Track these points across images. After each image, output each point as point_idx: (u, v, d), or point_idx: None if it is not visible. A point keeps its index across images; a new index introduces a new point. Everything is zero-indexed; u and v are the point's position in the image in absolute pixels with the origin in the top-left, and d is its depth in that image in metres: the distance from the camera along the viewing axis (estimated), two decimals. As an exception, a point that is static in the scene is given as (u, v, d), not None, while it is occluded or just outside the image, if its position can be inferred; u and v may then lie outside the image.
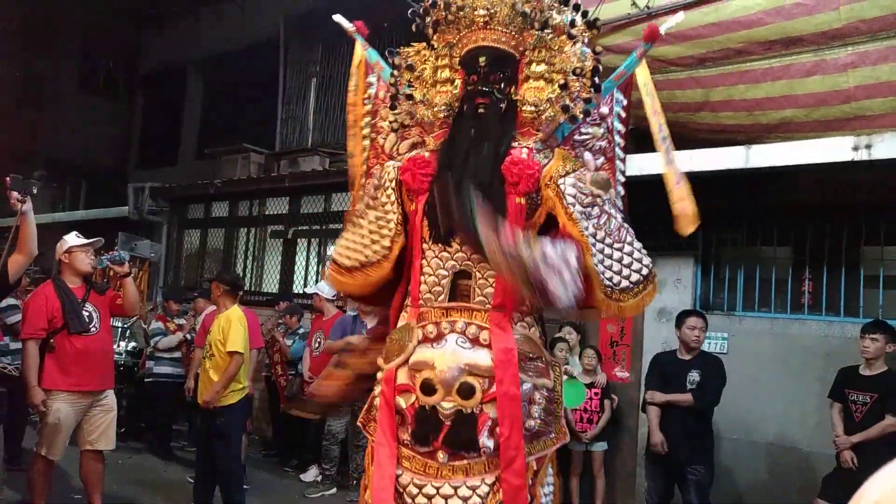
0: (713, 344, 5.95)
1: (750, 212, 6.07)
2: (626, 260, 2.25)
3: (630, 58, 2.77)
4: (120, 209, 11.12)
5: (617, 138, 2.75)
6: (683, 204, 2.46)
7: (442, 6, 2.47)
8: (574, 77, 2.41)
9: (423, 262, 2.36)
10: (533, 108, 2.39)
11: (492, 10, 2.39)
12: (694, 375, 4.87)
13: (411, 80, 2.55)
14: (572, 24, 2.49)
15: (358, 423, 2.47)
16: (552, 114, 2.39)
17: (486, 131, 2.38)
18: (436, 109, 2.48)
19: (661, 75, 5.47)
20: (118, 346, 8.23)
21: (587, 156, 2.62)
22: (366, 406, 2.46)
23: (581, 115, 2.44)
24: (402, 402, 2.25)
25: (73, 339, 4.52)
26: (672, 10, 5.06)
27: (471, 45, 2.43)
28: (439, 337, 2.26)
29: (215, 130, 12.18)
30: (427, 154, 2.46)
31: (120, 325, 8.43)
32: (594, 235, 2.20)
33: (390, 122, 2.69)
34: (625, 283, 2.23)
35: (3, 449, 4.41)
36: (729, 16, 4.85)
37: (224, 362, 5.01)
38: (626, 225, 2.30)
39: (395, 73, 2.60)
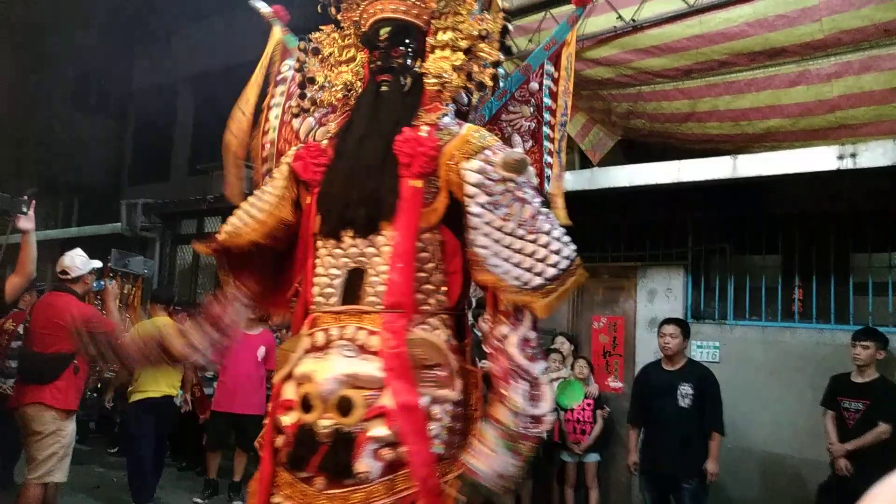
0: (705, 353, 5.97)
1: (738, 221, 6.11)
2: (541, 253, 1.95)
3: (560, 25, 2.56)
4: (113, 225, 11.12)
5: (546, 116, 2.48)
6: (556, 201, 2.39)
7: None
8: (481, 41, 2.19)
9: (317, 261, 2.11)
10: (436, 80, 2.15)
11: None
12: (685, 389, 4.76)
13: (316, 63, 2.37)
14: None
15: (255, 444, 2.18)
16: (457, 84, 2.15)
17: (385, 111, 2.14)
18: (334, 90, 2.28)
19: (648, 87, 5.54)
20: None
21: (516, 139, 2.44)
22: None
23: (490, 82, 2.19)
24: (286, 420, 1.95)
25: (80, 360, 4.55)
26: (658, 23, 5.14)
27: (371, 18, 2.23)
28: (327, 345, 1.97)
29: (207, 146, 12.20)
30: (326, 142, 2.25)
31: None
32: (501, 229, 1.94)
33: (290, 108, 2.50)
34: (537, 281, 1.93)
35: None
36: (713, 28, 4.91)
37: None
38: (544, 210, 2.03)
39: (300, 57, 2.39)
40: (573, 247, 2.02)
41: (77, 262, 4.75)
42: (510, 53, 2.31)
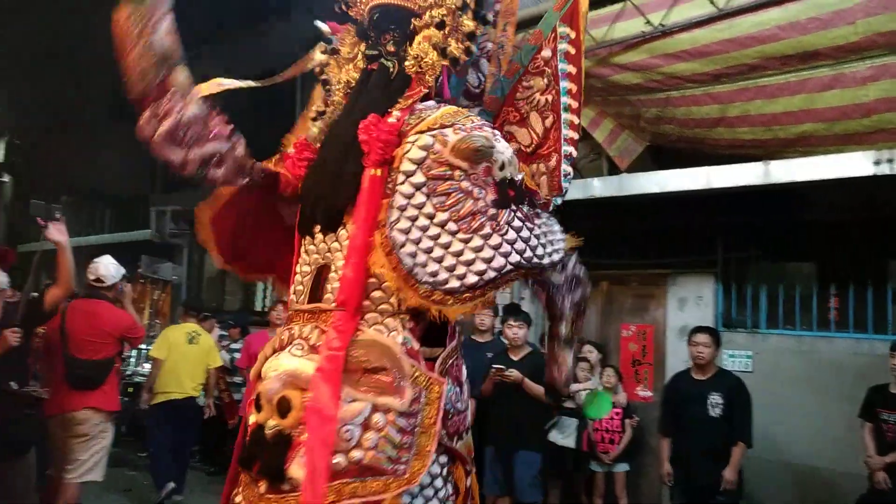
0: (737, 362, 5.85)
1: (771, 228, 6.00)
2: (467, 256, 1.77)
3: None
4: (142, 232, 11.29)
5: (566, 84, 2.24)
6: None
7: None
8: (459, 12, 2.06)
9: (298, 259, 2.08)
10: (414, 62, 2.04)
11: None
12: (715, 398, 4.70)
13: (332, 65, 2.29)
14: None
15: None
16: (433, 61, 2.02)
17: (363, 100, 2.05)
18: (337, 88, 2.20)
19: (677, 92, 5.47)
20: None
21: (534, 118, 2.24)
22: None
23: (464, 55, 2.05)
24: (250, 419, 1.91)
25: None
26: (687, 27, 5.08)
27: (366, 7, 2.15)
28: (287, 344, 1.91)
29: (237, 154, 12.33)
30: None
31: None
32: (431, 218, 1.78)
33: (308, 113, 2.42)
34: (454, 283, 1.76)
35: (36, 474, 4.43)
36: (744, 31, 4.83)
37: None
38: (491, 212, 1.82)
39: (322, 60, 2.32)
40: (503, 261, 1.81)
41: (112, 269, 4.90)
42: (486, 23, 2.15)
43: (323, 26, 2.57)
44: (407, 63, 2.04)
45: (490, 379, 5.05)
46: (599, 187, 6.01)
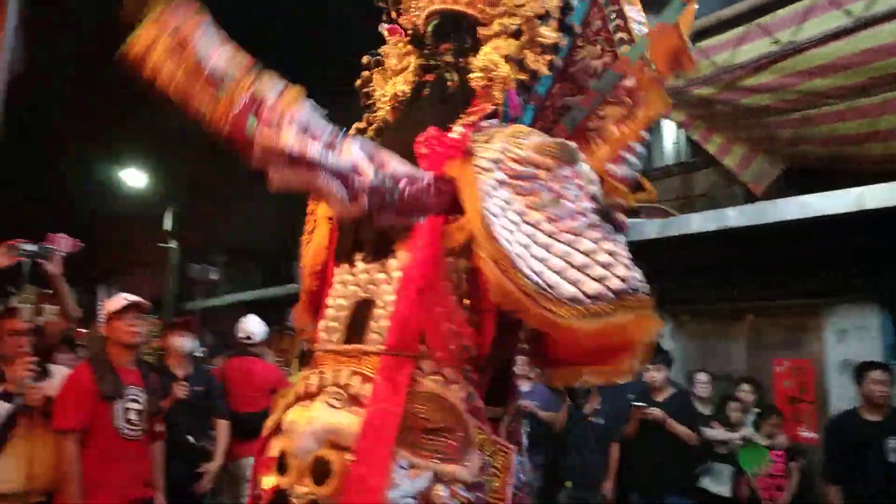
0: (909, 400, 5.29)
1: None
2: (579, 259, 1.45)
3: (673, 3, 1.93)
4: (289, 287, 12.00)
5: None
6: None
7: None
8: (539, 22, 1.83)
9: (330, 291, 1.77)
10: (482, 74, 1.78)
11: None
12: (894, 443, 4.18)
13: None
14: None
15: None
16: (506, 74, 1.77)
17: (420, 114, 1.80)
18: (384, 102, 1.95)
19: (815, 109, 5.19)
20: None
21: (603, 152, 1.91)
22: None
23: (546, 70, 1.82)
24: (265, 482, 1.60)
25: None
26: (821, 42, 4.83)
27: (423, 14, 1.93)
28: (318, 392, 1.59)
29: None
30: None
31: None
32: (522, 215, 1.49)
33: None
34: (568, 290, 1.41)
35: None
36: (886, 40, 4.53)
37: None
38: (594, 219, 1.52)
39: (364, 74, 2.08)
40: (639, 276, 1.47)
41: (258, 327, 5.31)
42: (573, 33, 1.90)
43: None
44: (473, 75, 1.79)
45: (632, 419, 4.88)
46: (735, 216, 5.73)
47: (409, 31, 2.01)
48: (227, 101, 1.27)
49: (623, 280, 1.44)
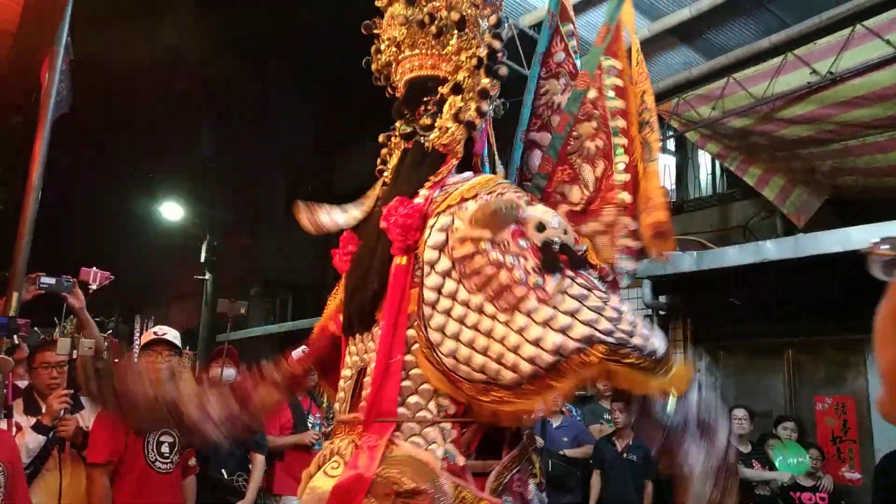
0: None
1: None
2: (512, 340, 1.48)
3: (611, 5, 2.01)
4: (315, 320, 12.04)
5: (617, 123, 1.92)
6: (660, 213, 1.78)
7: (373, 58, 2.06)
8: (475, 71, 1.84)
9: (343, 362, 1.85)
10: (438, 133, 1.82)
11: (396, 38, 1.94)
12: None
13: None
14: (475, 4, 1.93)
15: None
16: (453, 130, 1.81)
17: (397, 183, 1.87)
18: (387, 175, 2.01)
19: (856, 140, 5.09)
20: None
21: (585, 170, 1.92)
22: None
23: (478, 118, 1.82)
24: None
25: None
26: (860, 73, 4.75)
27: (401, 86, 1.98)
28: (326, 461, 1.68)
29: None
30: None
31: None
32: (467, 303, 1.54)
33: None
34: (509, 376, 1.47)
35: None
36: (928, 69, 4.44)
37: None
38: (534, 280, 1.52)
39: (383, 152, 2.12)
40: (559, 339, 1.46)
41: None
42: (499, 78, 1.88)
43: None
44: (433, 136, 1.84)
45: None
46: (773, 249, 5.60)
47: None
48: None
49: (554, 352, 1.45)
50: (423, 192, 1.76)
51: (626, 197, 1.85)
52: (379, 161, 2.11)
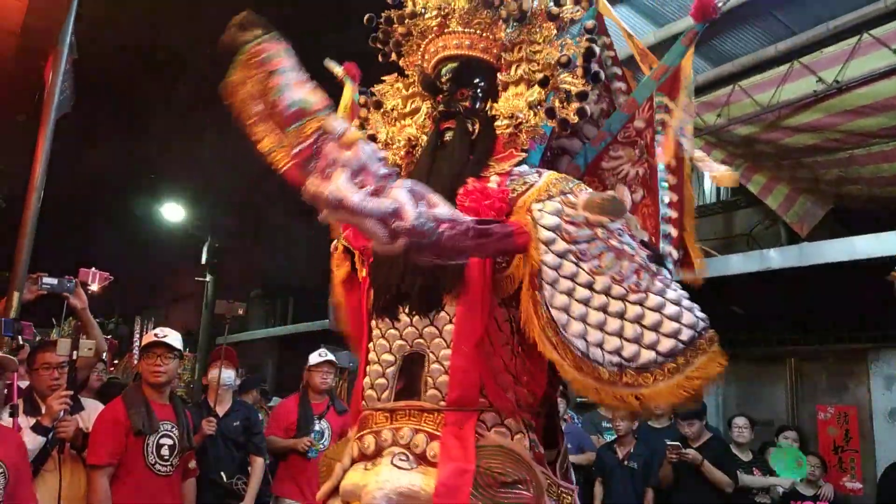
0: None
1: None
2: (651, 318, 1.46)
3: (674, 47, 2.00)
4: (322, 322, 12.03)
5: (661, 159, 1.97)
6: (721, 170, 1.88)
7: (396, 20, 1.98)
8: (561, 69, 1.81)
9: (370, 345, 1.74)
10: (509, 122, 1.79)
11: (445, 9, 1.87)
12: None
13: (379, 119, 2.07)
14: (557, 1, 1.90)
15: None
16: (535, 123, 1.77)
17: (447, 162, 1.79)
18: (396, 147, 1.94)
19: (862, 150, 5.07)
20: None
21: (621, 190, 1.96)
22: None
23: (575, 118, 1.79)
24: None
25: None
26: (866, 82, 4.74)
27: (434, 58, 1.91)
28: (377, 453, 1.59)
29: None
30: None
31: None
32: (590, 286, 1.49)
33: None
34: (647, 356, 1.44)
35: None
36: (935, 79, 4.43)
37: None
38: (653, 267, 1.53)
39: (362, 114, 2.08)
40: (700, 314, 1.49)
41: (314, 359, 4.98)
42: (598, 80, 1.90)
43: (336, 67, 2.33)
44: (499, 123, 1.80)
45: (667, 460, 4.71)
46: (777, 258, 5.59)
47: (412, 74, 2.01)
48: (292, 139, 1.30)
49: (692, 327, 1.46)
50: (493, 178, 1.72)
51: (671, 231, 1.91)
52: (357, 124, 2.05)
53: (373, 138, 2.00)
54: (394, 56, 2.03)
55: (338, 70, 2.33)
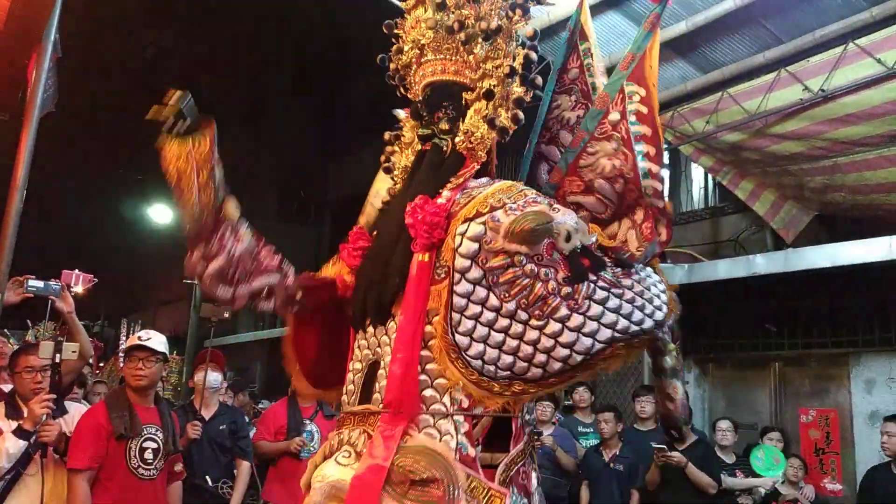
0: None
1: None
2: (545, 343, 1.65)
3: (637, 35, 2.09)
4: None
5: (641, 147, 2.01)
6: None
7: (390, 58, 2.14)
8: (506, 80, 1.94)
9: (352, 355, 1.93)
10: (463, 137, 1.91)
11: (420, 41, 2.01)
12: None
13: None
14: (509, 16, 2.03)
15: None
16: (481, 135, 1.90)
17: (416, 183, 1.93)
18: (397, 174, 2.08)
19: (846, 157, 5.13)
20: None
21: (603, 186, 2.02)
22: None
23: (512, 124, 1.92)
24: None
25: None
26: (852, 91, 4.78)
27: (419, 87, 2.05)
28: (335, 451, 1.77)
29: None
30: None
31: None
32: (498, 311, 1.66)
33: (376, 200, 2.30)
34: (535, 372, 1.67)
35: None
36: (920, 88, 4.47)
37: None
38: (566, 291, 1.67)
39: (387, 149, 2.20)
40: (589, 342, 1.68)
41: None
42: (535, 87, 2.01)
43: (400, 113, 2.39)
44: (457, 139, 1.93)
45: (654, 463, 4.73)
46: (763, 263, 5.62)
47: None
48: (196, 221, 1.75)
49: (584, 352, 1.67)
50: (445, 192, 1.84)
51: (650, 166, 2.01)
52: (383, 158, 2.18)
53: (388, 171, 2.15)
54: (402, 90, 2.16)
55: (402, 115, 2.41)
